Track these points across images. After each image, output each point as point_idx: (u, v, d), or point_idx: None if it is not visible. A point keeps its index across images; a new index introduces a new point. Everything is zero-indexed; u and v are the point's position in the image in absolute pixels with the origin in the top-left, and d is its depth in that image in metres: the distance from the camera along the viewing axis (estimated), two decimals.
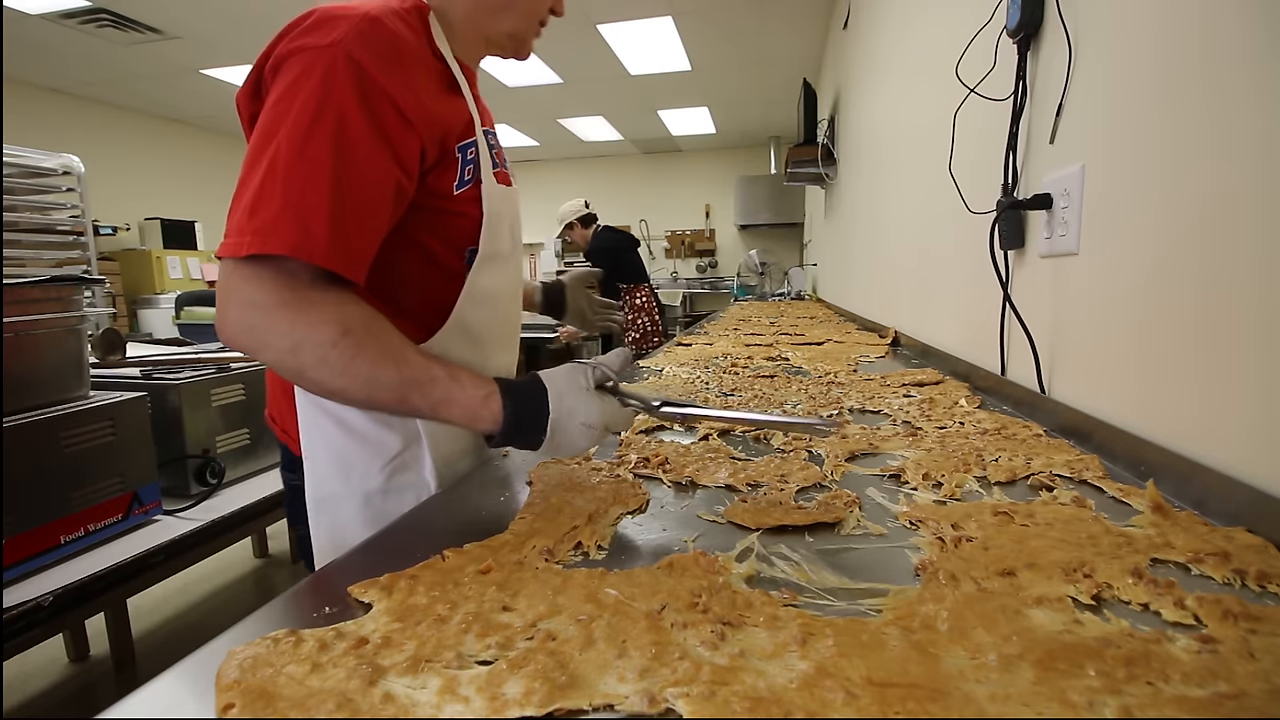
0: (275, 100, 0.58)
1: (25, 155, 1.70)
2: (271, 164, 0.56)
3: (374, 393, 0.59)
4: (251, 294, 0.56)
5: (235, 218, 0.56)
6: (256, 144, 0.57)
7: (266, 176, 0.56)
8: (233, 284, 0.56)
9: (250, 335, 0.57)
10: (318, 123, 0.57)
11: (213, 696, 0.31)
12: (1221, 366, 0.57)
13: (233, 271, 0.56)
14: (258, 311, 0.56)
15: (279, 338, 0.57)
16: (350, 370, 0.58)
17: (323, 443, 0.71)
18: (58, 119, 5.26)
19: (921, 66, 1.63)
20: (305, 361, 0.57)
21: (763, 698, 0.30)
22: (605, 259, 3.59)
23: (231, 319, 0.57)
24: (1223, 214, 0.57)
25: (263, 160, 0.56)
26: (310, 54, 0.57)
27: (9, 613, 0.97)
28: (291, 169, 0.56)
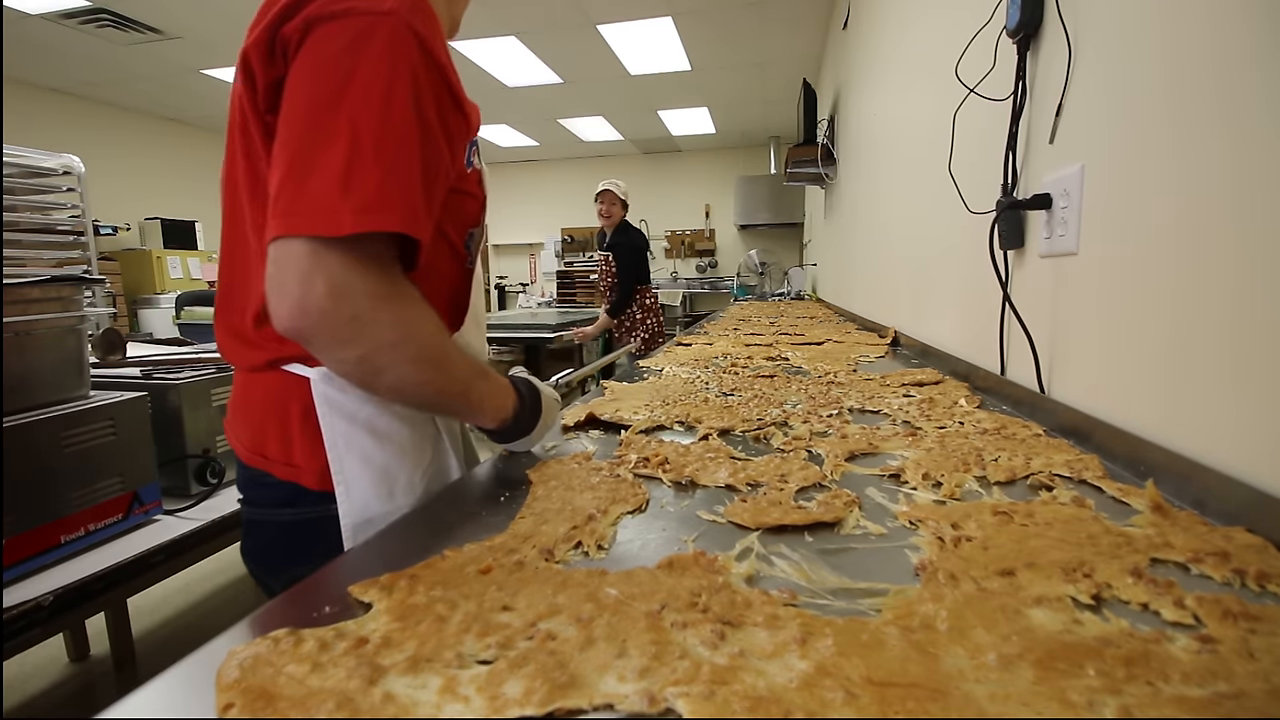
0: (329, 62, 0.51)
1: (25, 155, 1.70)
2: (354, 136, 0.50)
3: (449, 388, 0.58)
4: (352, 281, 0.50)
5: (314, 191, 0.49)
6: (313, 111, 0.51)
7: (352, 149, 0.50)
8: (316, 266, 0.49)
9: (346, 326, 0.50)
10: (393, 92, 0.51)
11: (213, 696, 0.31)
12: (1221, 366, 0.57)
13: (316, 253, 0.49)
14: (363, 301, 0.51)
15: (382, 331, 0.52)
16: (440, 366, 0.56)
17: (361, 463, 0.65)
18: (58, 119, 5.27)
19: (921, 66, 1.63)
20: (401, 356, 0.53)
21: (763, 697, 0.30)
22: (633, 256, 3.56)
23: (320, 307, 0.49)
24: (1223, 213, 0.57)
25: (333, 130, 0.50)
26: (365, 19, 0.52)
27: (9, 613, 0.97)
28: (381, 141, 0.51)
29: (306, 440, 0.65)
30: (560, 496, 0.59)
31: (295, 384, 0.64)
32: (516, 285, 8.80)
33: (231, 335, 0.67)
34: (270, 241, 0.51)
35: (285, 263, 0.50)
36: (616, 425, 0.88)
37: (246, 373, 0.68)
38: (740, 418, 0.88)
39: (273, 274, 0.51)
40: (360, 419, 0.65)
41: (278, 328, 0.51)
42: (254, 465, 0.67)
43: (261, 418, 0.67)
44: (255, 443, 0.67)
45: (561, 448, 0.78)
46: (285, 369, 0.65)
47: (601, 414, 0.91)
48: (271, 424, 0.66)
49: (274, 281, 0.51)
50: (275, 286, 0.51)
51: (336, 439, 0.64)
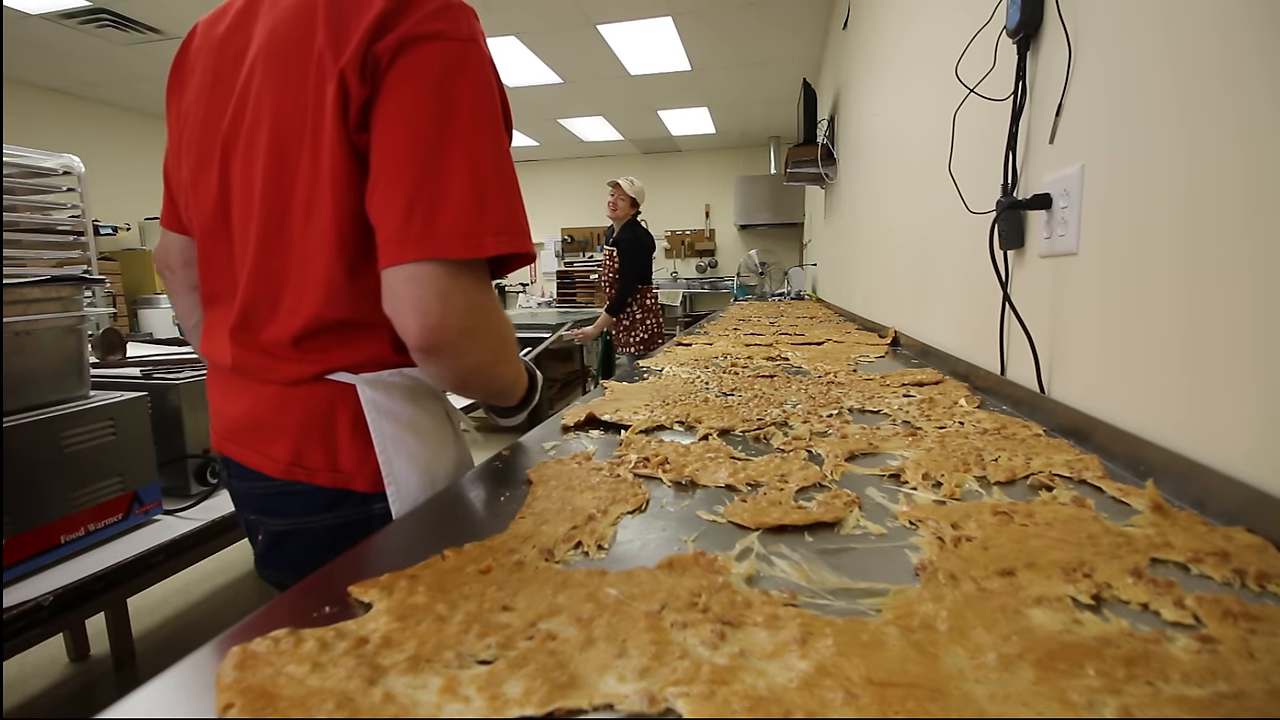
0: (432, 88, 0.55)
1: (25, 155, 1.70)
2: (476, 163, 0.55)
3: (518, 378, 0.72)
4: (481, 297, 0.57)
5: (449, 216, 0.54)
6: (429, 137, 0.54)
7: (477, 175, 0.55)
8: (455, 286, 0.55)
9: (474, 336, 0.58)
10: (495, 123, 0.57)
11: (213, 696, 0.31)
12: (1221, 366, 0.57)
13: (455, 275, 0.55)
14: (481, 314, 0.57)
15: (494, 338, 0.60)
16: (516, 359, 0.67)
17: (407, 461, 0.67)
18: (58, 119, 5.27)
19: (921, 66, 1.63)
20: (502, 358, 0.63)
21: (763, 697, 0.30)
22: (637, 253, 3.56)
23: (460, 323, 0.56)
24: (1223, 213, 0.57)
25: (454, 156, 0.54)
26: (457, 45, 0.56)
27: (9, 613, 0.97)
28: (497, 169, 0.56)
29: (355, 445, 0.66)
30: (560, 496, 0.59)
31: (341, 392, 0.65)
32: (516, 285, 8.81)
33: (259, 351, 0.66)
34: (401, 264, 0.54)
35: (425, 284, 0.54)
36: (616, 425, 0.88)
37: (280, 386, 0.66)
38: (740, 418, 0.88)
39: (409, 294, 0.55)
40: (404, 420, 0.68)
41: (410, 343, 0.57)
42: (291, 478, 0.66)
43: (302, 429, 0.66)
44: (294, 455, 0.66)
45: (561, 447, 0.78)
46: (330, 378, 0.65)
47: (601, 414, 0.91)
48: (314, 434, 0.66)
49: (413, 302, 0.55)
50: (415, 306, 0.55)
51: (385, 441, 0.66)
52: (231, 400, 0.71)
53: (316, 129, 0.58)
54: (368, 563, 0.48)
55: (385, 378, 0.66)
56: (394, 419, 0.67)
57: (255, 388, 0.68)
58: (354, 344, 0.65)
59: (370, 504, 0.67)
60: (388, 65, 0.55)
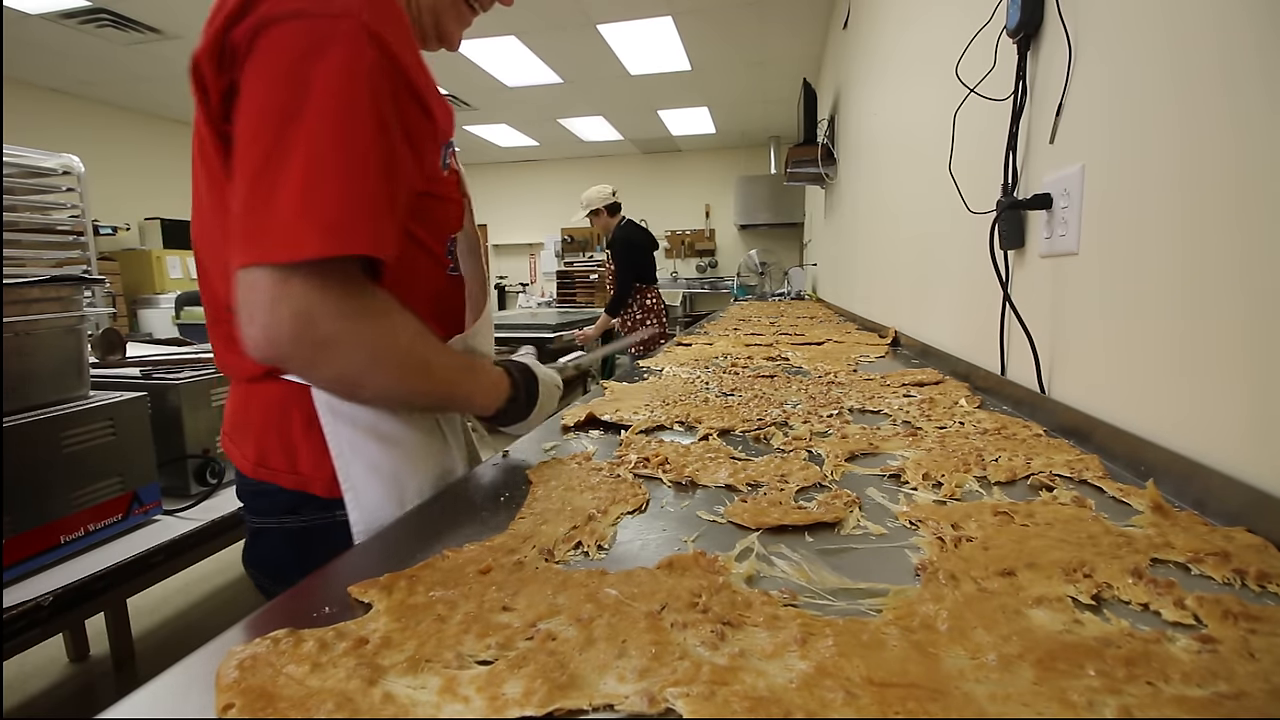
0: (283, 73, 0.49)
1: (25, 155, 1.70)
2: (313, 153, 0.48)
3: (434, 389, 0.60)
4: (318, 304, 0.49)
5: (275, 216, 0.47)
6: (268, 127, 0.49)
7: (311, 166, 0.48)
8: (284, 293, 0.48)
9: (319, 349, 0.50)
10: (355, 107, 0.49)
11: (213, 696, 0.31)
12: (1222, 366, 0.57)
13: (284, 280, 0.48)
14: (334, 322, 0.50)
15: (358, 350, 0.52)
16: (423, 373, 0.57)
17: (367, 469, 0.64)
18: (58, 119, 5.27)
19: (921, 66, 1.63)
20: (383, 370, 0.53)
21: (763, 698, 0.30)
22: (629, 254, 3.56)
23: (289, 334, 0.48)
24: (1224, 213, 0.57)
25: (293, 147, 0.48)
26: (319, 22, 0.49)
27: (9, 613, 0.97)
28: (342, 158, 0.49)
29: (311, 448, 0.64)
30: (560, 496, 0.59)
31: (296, 392, 0.64)
32: (516, 285, 8.81)
33: (227, 346, 0.66)
34: (238, 270, 0.49)
35: (251, 291, 0.49)
36: (616, 425, 0.88)
37: (245, 384, 0.67)
38: (740, 418, 0.88)
39: (241, 302, 0.49)
40: (364, 424, 0.64)
41: (251, 355, 0.51)
42: (258, 478, 0.66)
43: (262, 428, 0.66)
44: (258, 454, 0.66)
45: (562, 448, 0.78)
46: (285, 377, 0.63)
47: (602, 414, 0.91)
48: (273, 434, 0.65)
49: (243, 310, 0.49)
50: (245, 315, 0.49)
51: (342, 446, 0.63)
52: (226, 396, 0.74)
53: (197, 124, 0.56)
54: (368, 563, 0.48)
55: None
56: (351, 423, 0.63)
57: (233, 385, 0.70)
58: None
59: (332, 510, 0.64)
60: (246, 51, 0.50)
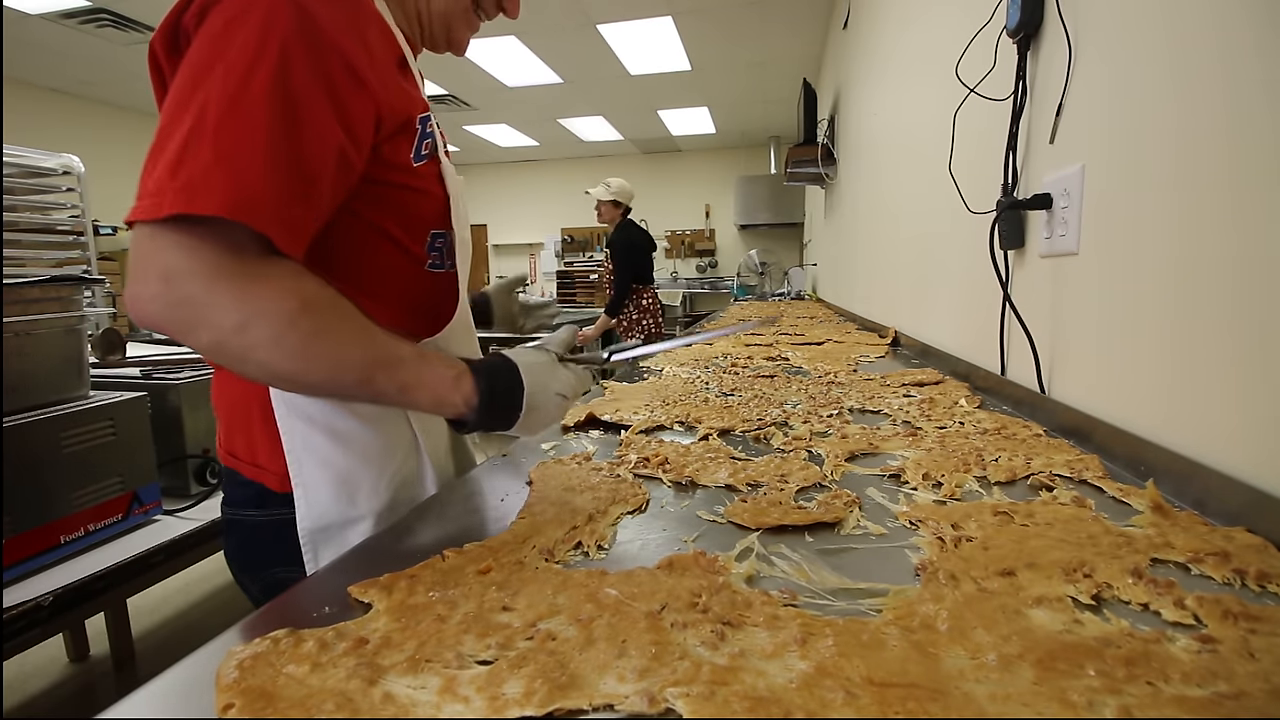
0: (201, 45, 0.50)
1: (25, 155, 1.70)
2: (200, 114, 0.48)
3: (337, 375, 0.52)
4: (181, 262, 0.47)
5: (154, 175, 0.47)
6: (179, 93, 0.49)
7: (194, 128, 0.47)
8: (152, 251, 0.47)
9: (182, 310, 0.47)
10: (255, 70, 0.49)
11: (213, 696, 0.31)
12: (1222, 366, 0.57)
13: (152, 237, 0.47)
14: (194, 282, 0.47)
15: (222, 313, 0.48)
16: (311, 350, 0.51)
17: (318, 466, 0.63)
18: (58, 119, 5.27)
19: (921, 66, 1.63)
20: (255, 340, 0.49)
21: (763, 698, 0.30)
22: (629, 255, 3.56)
23: (152, 293, 0.47)
24: (1224, 213, 0.57)
25: (188, 111, 0.48)
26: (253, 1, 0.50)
27: (9, 613, 0.97)
28: (224, 120, 0.48)
29: (268, 440, 0.63)
30: (560, 496, 0.59)
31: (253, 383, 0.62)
32: None
33: None
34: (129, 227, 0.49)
35: (132, 249, 0.48)
36: (616, 425, 0.88)
37: (217, 371, 0.68)
38: (740, 418, 0.88)
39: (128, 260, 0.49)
40: (318, 420, 0.63)
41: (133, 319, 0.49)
42: (227, 465, 0.68)
43: (230, 416, 0.66)
44: (227, 441, 0.67)
45: (561, 447, 0.78)
46: None
47: (602, 414, 0.91)
48: (237, 423, 0.66)
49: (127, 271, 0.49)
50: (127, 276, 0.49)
51: (294, 440, 0.62)
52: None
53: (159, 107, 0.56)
54: (368, 563, 0.48)
55: None
56: (305, 417, 0.62)
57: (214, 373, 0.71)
58: None
59: (286, 507, 0.63)
60: (192, 34, 0.51)
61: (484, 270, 8.81)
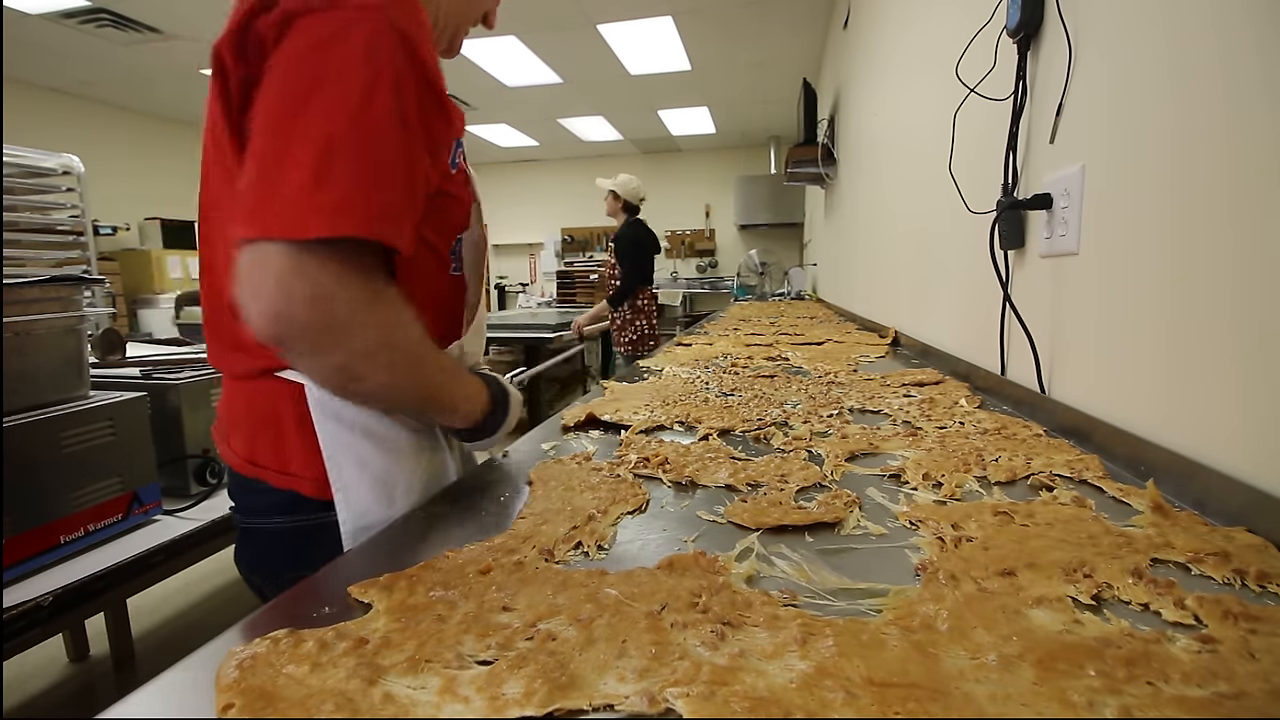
0: (301, 60, 0.49)
1: (25, 155, 1.70)
2: (325, 135, 0.47)
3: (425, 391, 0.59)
4: (332, 286, 0.48)
5: (283, 192, 0.47)
6: (286, 107, 0.49)
7: (325, 149, 0.47)
8: (295, 271, 0.47)
9: (325, 333, 0.49)
10: (374, 93, 0.49)
11: (213, 696, 0.31)
12: (1222, 365, 0.57)
13: (291, 256, 0.47)
14: (344, 307, 0.49)
15: (364, 337, 0.50)
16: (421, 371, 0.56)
17: (357, 468, 0.63)
18: (58, 119, 5.26)
19: (921, 66, 1.63)
20: (381, 364, 0.52)
21: (763, 698, 0.30)
22: (635, 253, 3.56)
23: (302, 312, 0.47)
24: (1224, 213, 0.57)
25: (304, 129, 0.47)
26: (345, 13, 0.49)
27: (9, 613, 0.97)
28: (355, 142, 0.48)
29: (302, 447, 0.63)
30: (560, 496, 0.59)
31: (289, 390, 0.63)
32: (516, 285, 8.80)
33: (221, 343, 0.66)
34: (241, 244, 0.48)
35: (261, 266, 0.48)
36: (616, 425, 0.88)
37: (238, 380, 0.67)
38: (740, 418, 0.88)
39: (245, 277, 0.48)
40: (356, 424, 0.64)
41: (255, 334, 0.49)
42: (248, 474, 0.66)
43: (255, 425, 0.65)
44: (249, 451, 0.66)
45: (562, 447, 0.78)
46: (279, 375, 0.63)
47: (601, 414, 0.91)
48: (265, 432, 0.65)
49: (248, 285, 0.48)
50: (250, 290, 0.48)
51: (333, 445, 0.63)
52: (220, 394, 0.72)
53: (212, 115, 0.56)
54: (368, 563, 0.48)
55: None
56: (344, 423, 0.63)
57: (225, 382, 0.69)
58: None
59: (325, 511, 0.64)
60: (274, 42, 0.50)
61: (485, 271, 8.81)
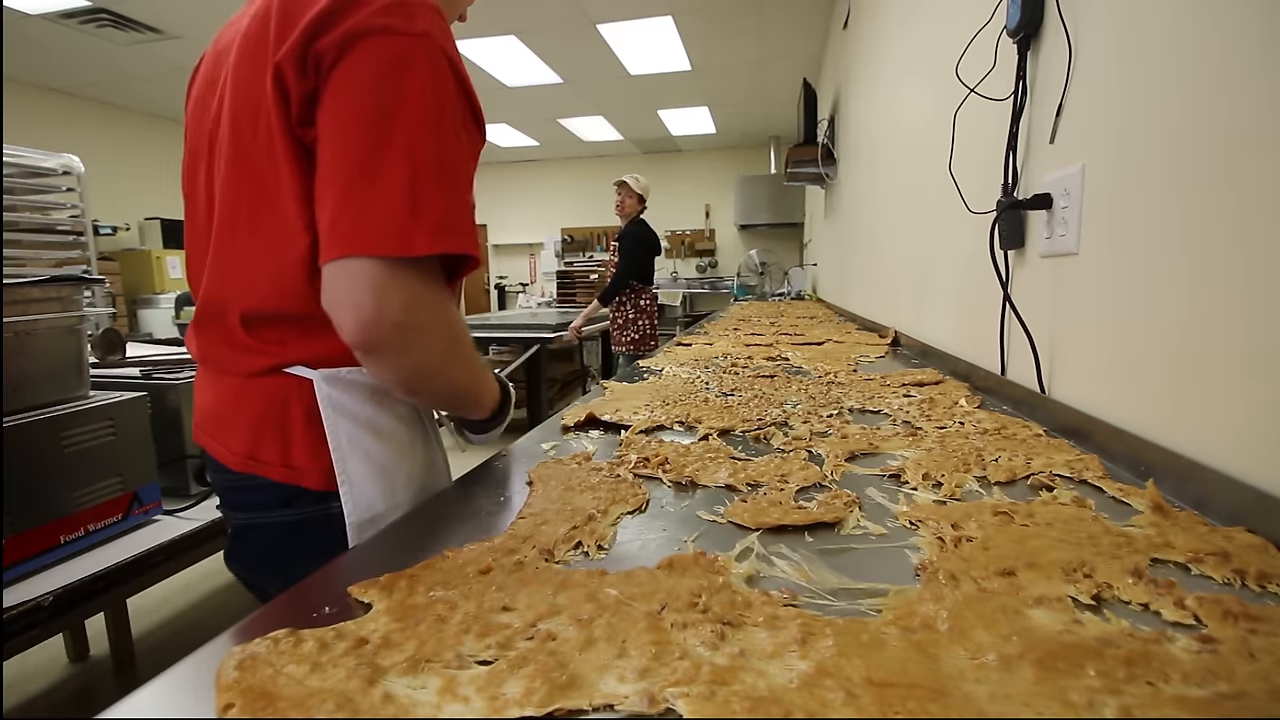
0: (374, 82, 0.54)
1: (25, 155, 1.70)
2: (415, 160, 0.54)
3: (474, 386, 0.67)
4: (424, 295, 0.56)
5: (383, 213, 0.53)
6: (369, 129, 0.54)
7: (415, 172, 0.54)
8: (392, 282, 0.54)
9: (412, 334, 0.56)
10: (444, 116, 0.56)
11: (213, 696, 0.31)
12: (1222, 366, 0.57)
13: (395, 270, 0.54)
14: (429, 313, 0.57)
15: (440, 339, 0.59)
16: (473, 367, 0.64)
17: (362, 461, 0.66)
18: (58, 119, 5.27)
19: (921, 66, 1.63)
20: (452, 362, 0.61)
21: (763, 698, 0.30)
22: (636, 250, 3.56)
23: (397, 320, 0.54)
24: (1224, 213, 0.57)
25: (393, 153, 0.53)
26: (405, 39, 0.54)
27: (9, 613, 0.97)
28: (441, 164, 0.55)
29: (308, 441, 0.65)
30: (560, 496, 0.59)
31: (297, 386, 0.65)
32: (516, 285, 8.80)
33: (221, 343, 0.67)
34: (334, 260, 0.54)
35: (358, 279, 0.54)
36: (616, 425, 0.88)
37: (240, 378, 0.67)
38: (740, 418, 0.88)
39: (343, 289, 0.54)
40: (362, 419, 0.66)
41: (347, 340, 0.56)
42: (245, 470, 0.66)
43: (257, 422, 0.66)
44: (250, 447, 0.66)
45: (561, 447, 0.78)
46: (288, 372, 0.65)
47: (601, 414, 0.91)
48: (269, 428, 0.66)
49: (346, 296, 0.54)
50: (347, 301, 0.54)
51: (340, 439, 0.65)
52: (201, 390, 0.72)
53: (265, 123, 0.59)
54: (367, 563, 0.48)
55: (345, 375, 0.65)
56: (351, 417, 0.66)
57: (218, 379, 0.69)
58: (313, 338, 0.63)
59: (328, 502, 0.65)
60: (334, 61, 0.54)
61: (484, 270, 8.81)
